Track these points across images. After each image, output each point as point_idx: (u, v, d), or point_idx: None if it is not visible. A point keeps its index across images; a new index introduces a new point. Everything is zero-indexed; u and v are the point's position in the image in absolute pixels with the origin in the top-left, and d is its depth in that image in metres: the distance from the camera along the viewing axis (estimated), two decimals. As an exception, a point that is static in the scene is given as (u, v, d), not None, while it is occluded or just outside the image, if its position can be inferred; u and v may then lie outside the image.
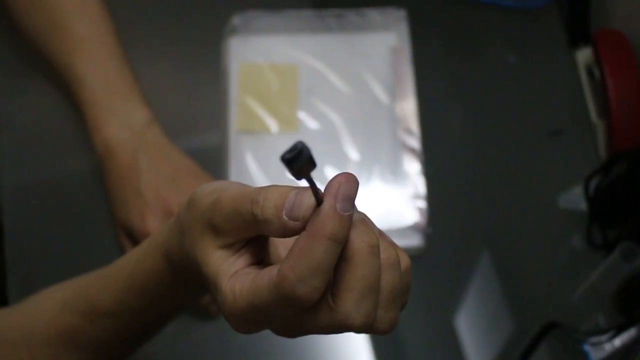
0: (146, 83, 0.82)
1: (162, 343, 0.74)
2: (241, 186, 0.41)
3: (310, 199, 0.37)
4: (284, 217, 0.38)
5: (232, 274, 0.40)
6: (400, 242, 0.78)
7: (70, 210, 0.81)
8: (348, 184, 0.37)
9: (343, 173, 0.38)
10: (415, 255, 0.79)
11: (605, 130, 0.83)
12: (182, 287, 0.48)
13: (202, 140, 0.84)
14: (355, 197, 0.37)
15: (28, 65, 0.85)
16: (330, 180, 0.37)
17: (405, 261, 0.43)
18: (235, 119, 0.82)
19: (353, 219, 0.38)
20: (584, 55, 0.87)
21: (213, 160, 0.81)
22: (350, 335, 0.76)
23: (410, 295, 0.80)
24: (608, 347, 0.73)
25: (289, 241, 0.42)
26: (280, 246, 0.45)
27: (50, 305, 0.56)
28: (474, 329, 0.77)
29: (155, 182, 0.74)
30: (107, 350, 0.55)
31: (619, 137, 0.81)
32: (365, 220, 0.39)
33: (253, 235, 0.40)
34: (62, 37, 0.79)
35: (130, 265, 0.50)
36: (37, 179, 0.82)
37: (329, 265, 0.37)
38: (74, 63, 0.78)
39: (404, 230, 0.78)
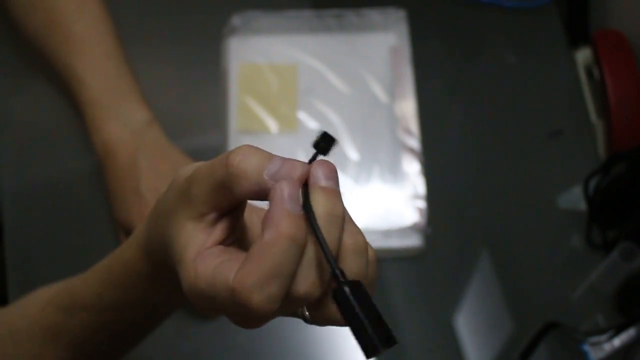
0: (146, 83, 0.82)
1: (162, 343, 0.74)
2: None
3: (299, 170, 0.37)
4: (264, 176, 0.37)
5: (199, 253, 0.39)
6: (400, 242, 0.78)
7: (70, 210, 0.81)
8: (290, 185, 0.36)
9: (285, 179, 0.37)
10: (414, 255, 0.79)
11: (605, 130, 0.83)
12: (158, 284, 0.47)
13: (202, 140, 0.84)
14: (297, 195, 0.36)
15: (28, 65, 0.85)
16: (277, 184, 0.36)
17: (372, 253, 0.41)
18: (235, 119, 0.82)
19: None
20: (583, 55, 0.87)
21: (213, 161, 0.81)
22: (350, 335, 0.76)
23: (410, 296, 0.80)
24: (607, 347, 0.73)
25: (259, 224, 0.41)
26: (254, 225, 0.43)
27: (37, 302, 0.55)
28: (474, 329, 0.77)
29: (155, 182, 0.74)
30: (87, 349, 0.55)
31: (618, 137, 0.81)
32: (350, 218, 0.39)
33: (225, 201, 0.39)
34: (62, 37, 0.79)
35: (109, 259, 0.50)
36: (37, 179, 0.82)
37: (288, 270, 0.36)
38: (73, 63, 0.78)
39: (404, 231, 0.78)
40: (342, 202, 0.38)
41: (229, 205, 0.40)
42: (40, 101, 0.85)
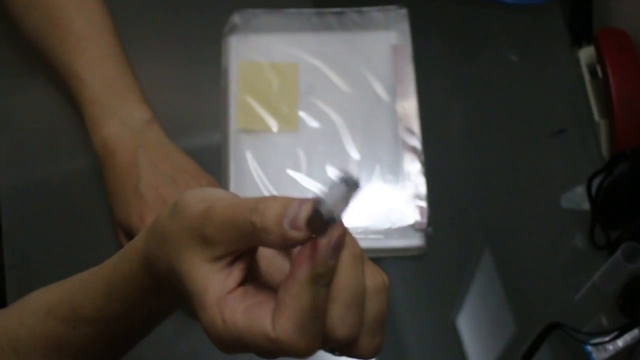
0: (146, 82, 0.81)
1: (162, 343, 0.74)
2: (235, 196, 0.40)
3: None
4: (284, 226, 0.36)
5: (221, 298, 0.39)
6: (401, 241, 0.78)
7: (69, 210, 0.81)
8: (339, 235, 0.37)
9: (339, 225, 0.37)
10: (415, 254, 0.79)
11: (608, 129, 0.83)
12: (160, 295, 0.47)
13: (202, 139, 0.84)
14: (342, 244, 0.37)
15: (28, 65, 0.85)
16: (330, 231, 0.37)
17: (386, 280, 0.41)
18: (235, 118, 0.82)
19: None
20: (586, 53, 0.87)
21: (213, 160, 0.81)
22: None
23: (411, 295, 0.80)
24: (610, 348, 0.73)
25: (271, 257, 0.42)
26: (263, 263, 0.43)
27: (36, 310, 0.54)
28: (476, 330, 0.77)
29: (155, 182, 0.74)
30: (90, 357, 0.54)
31: (621, 136, 0.80)
32: (348, 232, 0.39)
33: (246, 247, 0.39)
34: (61, 35, 0.79)
35: (109, 270, 0.49)
36: (36, 179, 0.82)
37: (322, 306, 0.37)
38: (73, 62, 0.78)
39: (405, 230, 0.78)
40: (357, 242, 0.39)
41: (249, 248, 0.40)
42: (40, 100, 0.84)
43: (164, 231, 0.41)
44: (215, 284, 0.39)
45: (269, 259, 0.43)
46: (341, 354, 0.41)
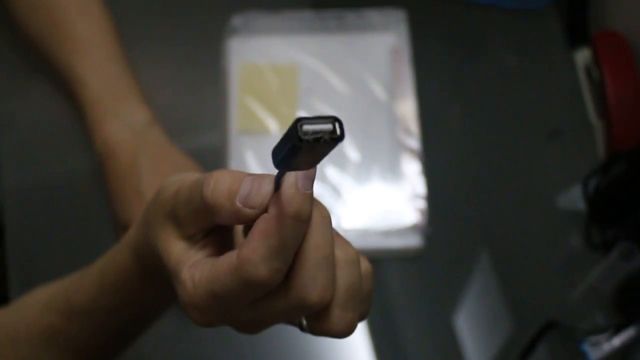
0: (146, 83, 0.82)
1: (162, 343, 0.74)
2: (203, 175, 0.40)
3: (269, 186, 0.36)
4: (237, 204, 0.36)
5: (192, 263, 0.39)
6: (400, 242, 0.78)
7: (71, 210, 0.81)
8: (309, 172, 0.36)
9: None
10: (414, 255, 0.79)
11: (604, 130, 0.83)
12: (152, 284, 0.48)
13: (202, 140, 0.85)
14: (314, 174, 0.36)
15: (29, 65, 0.85)
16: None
17: (365, 265, 0.41)
18: (235, 120, 0.83)
19: None
20: (582, 55, 0.87)
21: (213, 161, 0.81)
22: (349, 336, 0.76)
23: (410, 296, 0.80)
24: (607, 347, 0.73)
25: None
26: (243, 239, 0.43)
27: (34, 305, 0.55)
28: (473, 329, 0.78)
29: (156, 182, 0.74)
30: (87, 351, 0.55)
31: (617, 137, 0.81)
32: (317, 199, 0.38)
33: (209, 224, 0.39)
34: (62, 37, 0.79)
35: (103, 263, 0.50)
36: (38, 179, 0.82)
37: (292, 245, 0.36)
38: (74, 63, 0.78)
39: (404, 231, 0.78)
40: (326, 207, 0.38)
41: (215, 225, 0.40)
42: (41, 101, 0.85)
43: (148, 216, 0.43)
44: (187, 258, 0.40)
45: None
46: (312, 328, 0.40)
